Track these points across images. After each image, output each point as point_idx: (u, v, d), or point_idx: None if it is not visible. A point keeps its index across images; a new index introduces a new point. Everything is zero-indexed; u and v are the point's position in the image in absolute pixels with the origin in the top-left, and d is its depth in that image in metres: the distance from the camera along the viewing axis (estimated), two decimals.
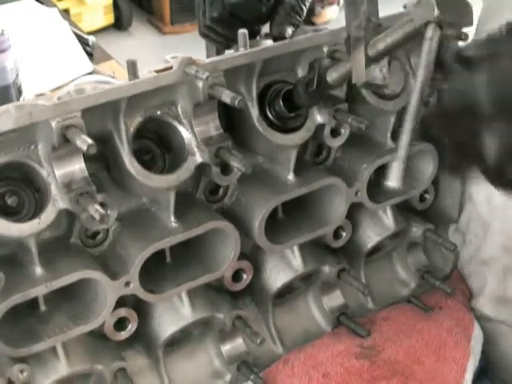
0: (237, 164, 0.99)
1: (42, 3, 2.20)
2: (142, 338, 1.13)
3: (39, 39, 1.98)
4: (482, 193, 1.29)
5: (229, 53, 1.21)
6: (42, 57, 1.91)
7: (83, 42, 2.03)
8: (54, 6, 2.32)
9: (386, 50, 0.87)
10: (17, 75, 1.51)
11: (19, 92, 1.52)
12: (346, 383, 1.16)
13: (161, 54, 1.24)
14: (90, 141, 0.85)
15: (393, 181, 0.85)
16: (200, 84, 0.97)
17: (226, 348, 1.17)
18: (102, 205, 0.98)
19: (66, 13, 3.16)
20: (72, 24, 2.17)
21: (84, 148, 0.84)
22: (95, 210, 0.89)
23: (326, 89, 0.97)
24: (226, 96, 0.94)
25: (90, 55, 2.00)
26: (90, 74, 1.86)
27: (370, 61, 0.88)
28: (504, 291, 1.32)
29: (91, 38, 2.07)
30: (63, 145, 0.90)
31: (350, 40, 0.92)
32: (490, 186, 1.24)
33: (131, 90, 0.94)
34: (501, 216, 1.28)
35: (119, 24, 4.60)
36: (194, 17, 1.23)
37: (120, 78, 1.62)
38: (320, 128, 1.14)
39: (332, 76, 0.96)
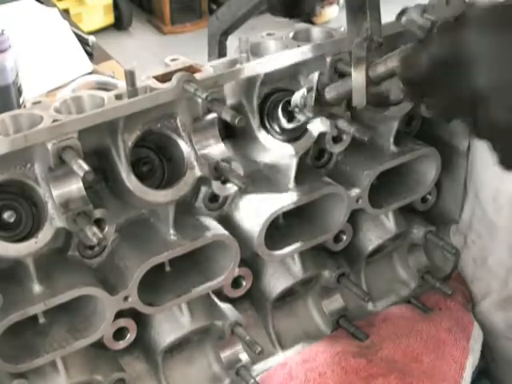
0: (236, 180, 0.98)
1: (42, 3, 2.17)
2: (141, 345, 1.13)
3: (39, 39, 1.95)
4: (489, 191, 1.27)
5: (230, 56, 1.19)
6: (42, 57, 1.89)
7: (83, 42, 2.00)
8: (54, 5, 2.29)
9: (387, 74, 0.84)
10: (17, 75, 1.49)
11: (19, 92, 1.49)
12: (342, 381, 1.17)
13: (161, 54, 1.22)
14: (86, 167, 0.83)
15: None
16: (199, 100, 0.95)
17: (225, 353, 1.18)
18: (100, 221, 0.97)
19: (66, 13, 3.13)
20: (72, 24, 2.13)
21: (81, 174, 0.83)
22: (93, 232, 0.88)
23: (324, 106, 0.95)
24: (226, 113, 0.92)
25: (90, 55, 1.97)
26: (90, 73, 1.83)
27: (371, 84, 0.86)
28: (508, 293, 1.31)
29: (91, 38, 2.04)
30: (60, 165, 0.89)
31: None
32: (497, 183, 1.23)
33: (129, 109, 0.92)
34: (508, 214, 1.25)
35: (119, 24, 4.56)
36: (193, 17, 1.20)
37: (120, 77, 1.59)
38: (322, 135, 1.12)
39: (331, 94, 0.93)
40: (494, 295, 1.32)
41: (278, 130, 1.09)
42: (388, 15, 1.06)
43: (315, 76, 0.94)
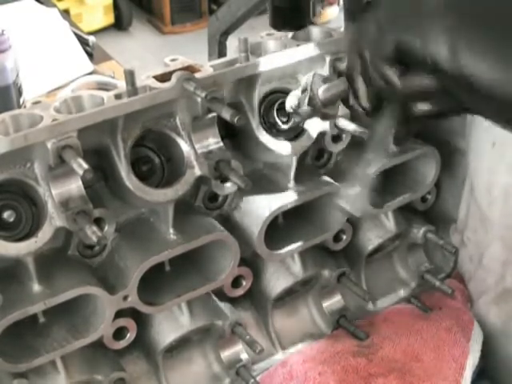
0: (236, 179, 0.98)
1: (42, 3, 2.18)
2: (141, 345, 1.13)
3: (39, 39, 1.96)
4: (482, 185, 1.26)
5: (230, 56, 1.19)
6: (42, 57, 1.89)
7: (83, 42, 2.00)
8: (54, 6, 2.30)
9: None
10: (17, 75, 1.49)
11: (19, 92, 1.49)
12: (342, 381, 1.17)
13: (161, 54, 1.22)
14: (85, 165, 0.84)
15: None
16: (199, 99, 0.95)
17: (226, 353, 1.18)
18: (100, 220, 0.97)
19: (66, 13, 3.14)
20: (72, 24, 2.14)
21: (80, 173, 0.83)
22: (92, 231, 0.88)
23: (318, 106, 0.94)
24: (226, 112, 0.92)
25: (90, 55, 1.98)
26: (90, 74, 1.84)
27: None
28: (503, 287, 1.31)
29: (91, 38, 2.04)
30: (60, 164, 0.89)
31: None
32: (490, 176, 1.22)
33: (128, 108, 0.92)
34: (501, 207, 1.24)
35: (119, 24, 4.58)
36: (193, 17, 1.20)
37: (120, 78, 1.60)
38: (321, 134, 1.12)
39: (325, 95, 0.93)
40: (490, 292, 1.31)
41: (275, 129, 1.09)
42: None
43: (309, 77, 0.94)
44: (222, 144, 1.01)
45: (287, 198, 1.11)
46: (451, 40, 0.68)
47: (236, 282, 1.14)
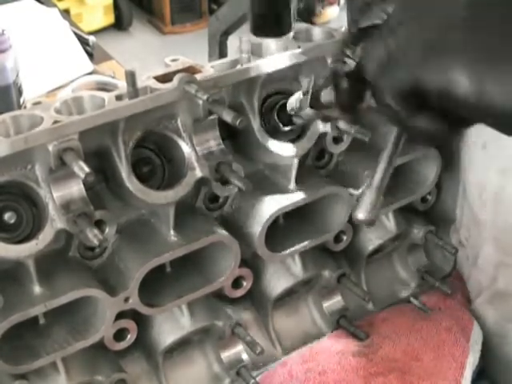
0: (237, 182, 0.98)
1: (42, 3, 2.18)
2: (142, 346, 1.13)
3: (39, 39, 1.96)
4: (474, 184, 1.27)
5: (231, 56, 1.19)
6: (42, 57, 1.90)
7: (83, 42, 2.00)
8: (54, 6, 2.30)
9: None
10: (17, 75, 1.49)
11: (19, 92, 1.49)
12: (342, 380, 1.17)
13: (161, 54, 1.22)
14: (87, 169, 0.83)
15: (361, 212, 0.79)
16: (200, 101, 0.95)
17: (226, 353, 1.18)
18: (101, 222, 0.97)
19: (66, 13, 3.14)
20: (72, 24, 2.14)
21: (82, 176, 0.83)
22: (93, 234, 0.88)
23: (319, 109, 0.94)
24: (227, 115, 0.92)
25: (90, 55, 1.98)
26: (90, 74, 1.84)
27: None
28: (496, 289, 1.31)
29: (91, 38, 2.05)
30: (61, 167, 0.89)
31: None
32: (481, 178, 1.22)
33: (130, 110, 0.92)
34: (491, 209, 1.25)
35: (119, 24, 4.58)
36: (194, 17, 1.20)
37: (120, 78, 1.60)
38: (322, 135, 1.12)
39: (326, 97, 0.93)
40: (484, 293, 1.32)
41: (277, 131, 1.09)
42: None
43: (311, 79, 0.94)
44: (223, 146, 1.01)
45: (288, 199, 1.11)
46: (476, 75, 0.64)
47: (236, 283, 1.14)
